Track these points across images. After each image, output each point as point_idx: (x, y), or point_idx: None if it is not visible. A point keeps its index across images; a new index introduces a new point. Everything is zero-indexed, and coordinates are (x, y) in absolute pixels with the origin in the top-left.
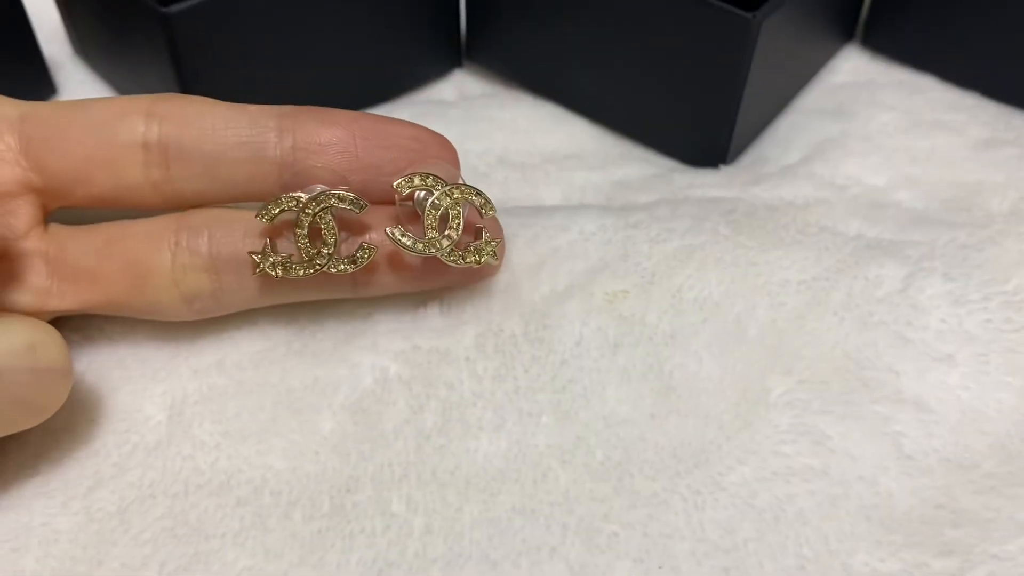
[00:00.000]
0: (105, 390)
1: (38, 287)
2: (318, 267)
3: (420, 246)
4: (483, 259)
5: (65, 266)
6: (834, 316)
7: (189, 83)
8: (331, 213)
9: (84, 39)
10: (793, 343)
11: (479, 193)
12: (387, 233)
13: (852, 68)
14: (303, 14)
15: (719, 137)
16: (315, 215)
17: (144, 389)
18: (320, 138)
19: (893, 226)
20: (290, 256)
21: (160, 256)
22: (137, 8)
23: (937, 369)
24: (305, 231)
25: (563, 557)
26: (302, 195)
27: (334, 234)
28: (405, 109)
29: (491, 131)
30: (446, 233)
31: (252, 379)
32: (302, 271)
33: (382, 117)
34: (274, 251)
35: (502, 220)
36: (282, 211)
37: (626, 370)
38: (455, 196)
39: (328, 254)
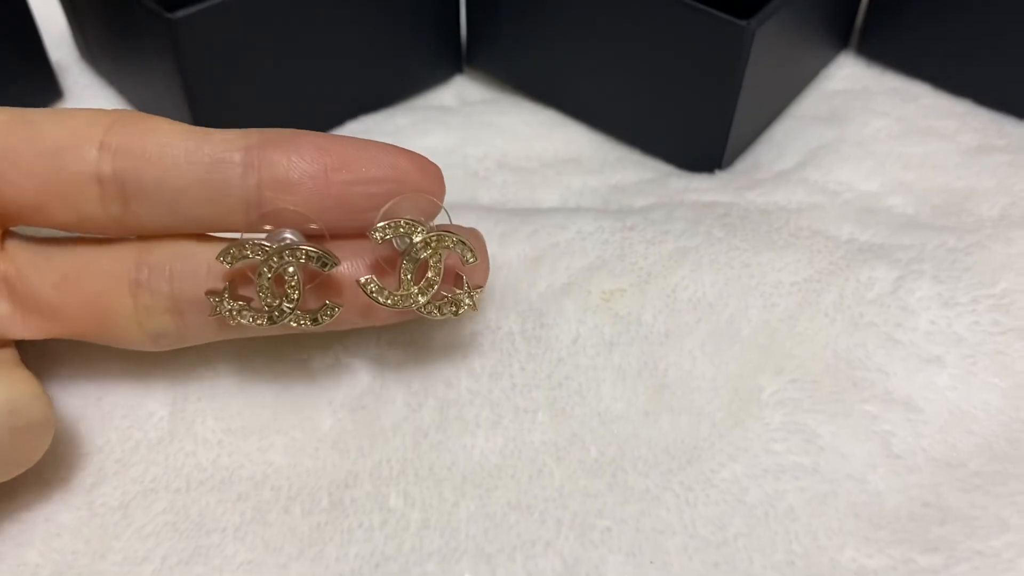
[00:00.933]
0: (108, 387)
1: (0, 313)
2: (275, 320)
3: (394, 300)
4: (460, 311)
5: (26, 296)
6: (825, 317)
7: (194, 87)
8: (296, 266)
9: (91, 44)
10: (785, 343)
11: (462, 242)
12: (360, 283)
13: (847, 75)
14: (306, 20)
15: (714, 143)
16: (278, 268)
17: (147, 386)
18: (288, 175)
19: (884, 230)
20: (249, 303)
21: (121, 298)
22: (143, 13)
23: (926, 370)
24: (266, 283)
25: (557, 551)
26: (266, 244)
27: (297, 289)
28: (406, 114)
29: (491, 136)
30: (422, 286)
31: (253, 377)
32: (261, 321)
33: (357, 142)
34: (233, 296)
35: (501, 217)
36: (244, 257)
37: (621, 368)
38: (434, 246)
39: (290, 308)
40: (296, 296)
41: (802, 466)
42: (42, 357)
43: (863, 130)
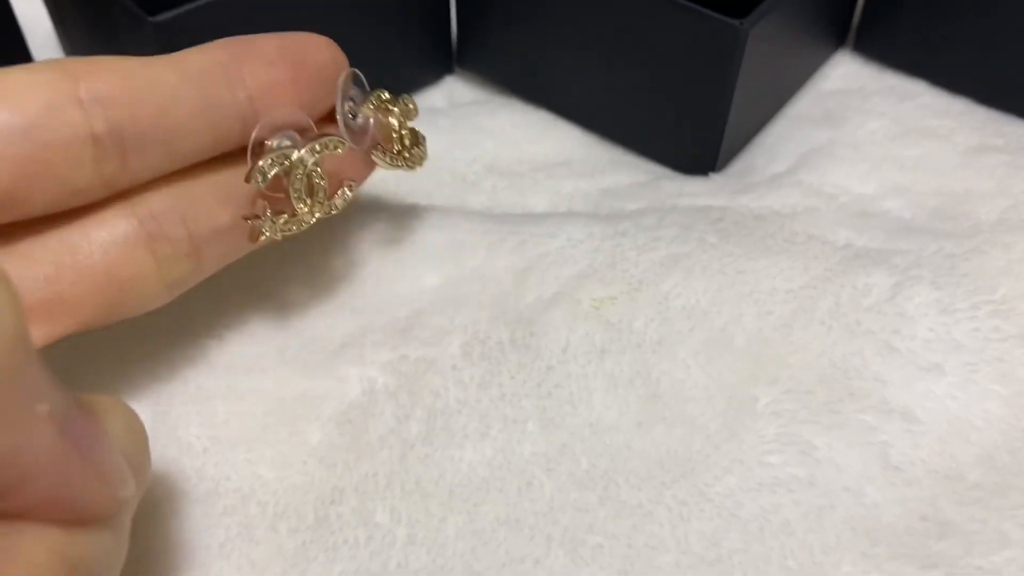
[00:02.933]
0: (84, 384)
1: None
2: (315, 216)
3: (400, 164)
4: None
5: None
6: (821, 325)
7: None
8: (319, 160)
9: (75, 46)
10: (780, 352)
11: (407, 98)
12: (374, 156)
13: (843, 74)
14: (292, 20)
15: (708, 145)
16: (309, 168)
17: (127, 386)
18: (269, 79)
19: (881, 235)
20: (285, 214)
21: (139, 259)
22: (126, 16)
23: (924, 378)
24: (300, 185)
25: (547, 569)
26: (290, 151)
27: (323, 180)
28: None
29: (481, 139)
30: (417, 151)
31: (243, 385)
32: (302, 225)
33: (294, 38)
34: (268, 211)
35: (490, 227)
36: (272, 171)
37: (613, 377)
38: (402, 108)
39: (322, 201)
40: (324, 185)
41: (798, 479)
42: None
43: (859, 131)
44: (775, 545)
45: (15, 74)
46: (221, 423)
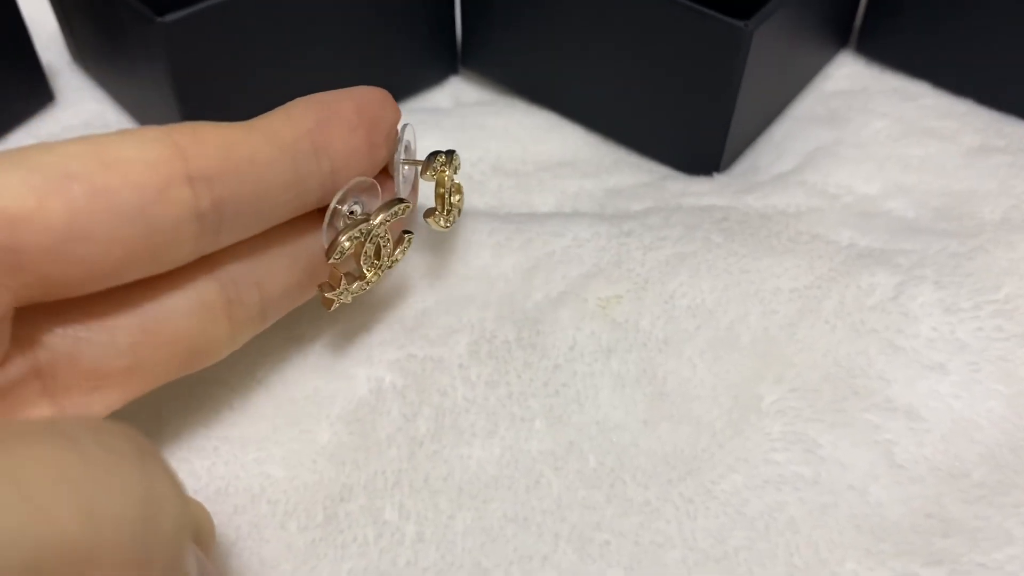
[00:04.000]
0: None
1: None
2: (381, 275)
3: (450, 223)
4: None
5: (76, 373)
6: (826, 324)
7: (185, 91)
8: (388, 229)
9: (82, 46)
10: (785, 351)
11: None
12: (425, 220)
13: (846, 75)
14: (299, 22)
15: (712, 145)
16: (379, 238)
17: None
18: (350, 148)
19: (885, 234)
20: (354, 278)
21: (216, 325)
22: (133, 16)
23: (928, 377)
24: (372, 255)
25: (555, 566)
26: (365, 218)
27: (389, 243)
28: (402, 117)
29: (486, 139)
30: (378, 264)
31: (251, 384)
32: (368, 287)
33: (370, 98)
34: (343, 281)
35: (496, 226)
36: (349, 246)
37: (619, 375)
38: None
39: (388, 263)
40: (390, 248)
41: (803, 477)
42: None
43: (862, 131)
44: (780, 542)
45: (127, 149)
46: (230, 424)
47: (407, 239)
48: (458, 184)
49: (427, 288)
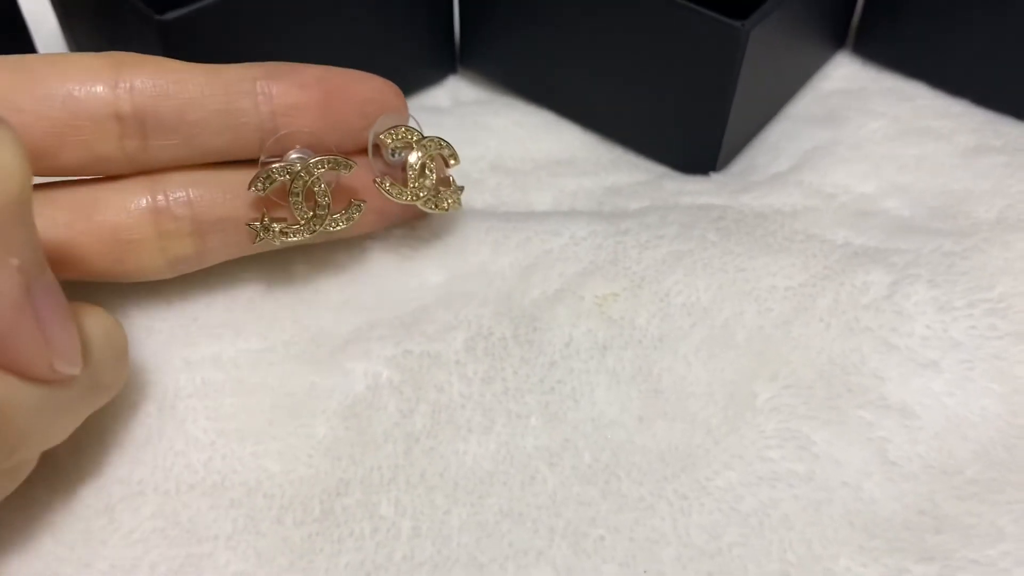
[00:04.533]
0: None
1: None
2: (315, 229)
3: (405, 196)
4: (450, 207)
5: None
6: (820, 322)
7: None
8: (322, 175)
9: (81, 44)
10: (780, 348)
11: (448, 145)
12: (375, 182)
13: (843, 75)
14: (298, 21)
15: (709, 144)
16: (308, 182)
17: (132, 378)
18: (297, 101)
19: (880, 234)
20: (286, 221)
21: (142, 225)
22: (133, 14)
23: (922, 375)
24: (300, 197)
25: (550, 561)
26: (295, 163)
27: (326, 196)
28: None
29: (484, 138)
30: (423, 183)
31: (250, 378)
32: (302, 235)
33: (344, 71)
34: (271, 219)
35: (494, 224)
36: (275, 181)
37: (615, 372)
38: (430, 149)
39: (323, 214)
40: (327, 201)
41: (797, 474)
42: None
43: (859, 131)
44: (774, 539)
45: (76, 58)
46: (228, 417)
47: (357, 206)
48: (451, 179)
49: (425, 285)
